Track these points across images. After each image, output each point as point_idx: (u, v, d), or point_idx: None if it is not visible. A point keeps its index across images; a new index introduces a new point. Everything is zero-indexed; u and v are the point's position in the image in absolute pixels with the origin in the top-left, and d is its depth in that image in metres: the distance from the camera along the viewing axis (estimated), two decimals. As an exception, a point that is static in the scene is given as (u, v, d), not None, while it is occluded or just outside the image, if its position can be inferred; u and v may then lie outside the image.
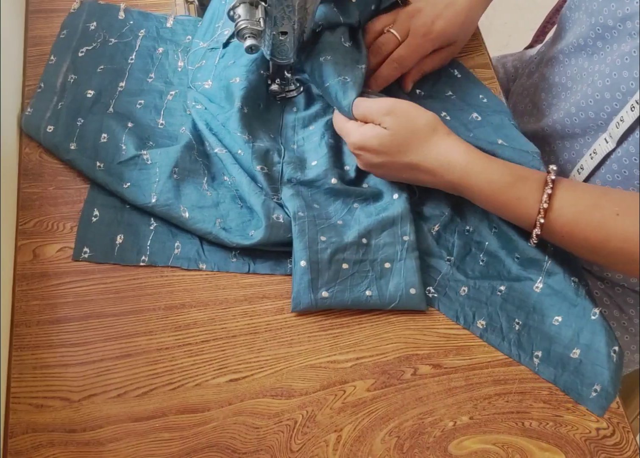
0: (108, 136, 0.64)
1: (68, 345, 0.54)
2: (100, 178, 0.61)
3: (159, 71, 0.70)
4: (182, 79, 0.70)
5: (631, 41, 0.60)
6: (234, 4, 0.56)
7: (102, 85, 0.68)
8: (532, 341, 0.58)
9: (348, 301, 0.57)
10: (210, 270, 0.59)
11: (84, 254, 0.58)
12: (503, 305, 0.59)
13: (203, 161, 0.64)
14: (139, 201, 0.60)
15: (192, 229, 0.59)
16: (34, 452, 0.49)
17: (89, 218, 0.60)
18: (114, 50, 0.70)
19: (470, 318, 0.58)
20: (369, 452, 0.52)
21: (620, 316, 0.76)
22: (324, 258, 0.58)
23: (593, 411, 0.55)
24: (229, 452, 0.51)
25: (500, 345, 0.57)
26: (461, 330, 0.58)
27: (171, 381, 0.53)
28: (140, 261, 0.58)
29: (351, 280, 0.58)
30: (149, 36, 0.72)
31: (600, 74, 0.64)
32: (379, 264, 0.59)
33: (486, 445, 0.53)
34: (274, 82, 0.67)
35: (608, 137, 0.64)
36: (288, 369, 0.55)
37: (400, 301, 0.57)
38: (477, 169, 0.57)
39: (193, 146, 0.64)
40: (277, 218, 0.59)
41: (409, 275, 0.58)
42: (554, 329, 0.58)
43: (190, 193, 0.61)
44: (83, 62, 0.69)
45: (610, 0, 0.61)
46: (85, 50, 0.70)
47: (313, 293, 0.56)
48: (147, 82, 0.69)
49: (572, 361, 0.56)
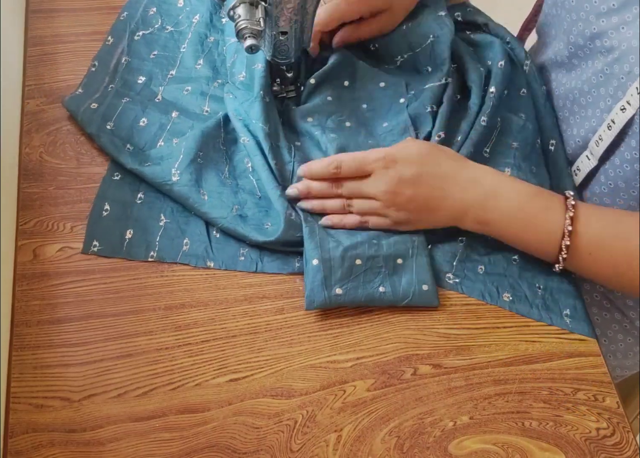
0: (148, 121, 0.65)
1: (68, 345, 0.54)
2: (124, 158, 0.62)
3: (208, 58, 0.71)
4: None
5: (603, 59, 0.60)
6: (234, 4, 0.56)
7: (153, 72, 0.69)
8: (557, 301, 0.60)
9: (362, 298, 0.57)
10: (218, 268, 0.59)
11: (93, 247, 0.58)
12: (521, 273, 0.61)
13: (227, 150, 0.64)
14: (159, 179, 0.60)
15: (207, 213, 0.59)
16: (34, 452, 0.49)
17: (100, 212, 0.60)
18: (169, 38, 0.72)
19: (495, 294, 0.59)
20: (369, 452, 0.52)
21: (622, 319, 0.75)
22: (336, 255, 0.58)
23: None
24: (229, 452, 0.51)
25: (529, 313, 0.59)
26: (461, 330, 0.58)
27: (171, 381, 0.53)
28: (149, 257, 0.58)
29: (364, 276, 0.58)
30: (202, 22, 0.74)
31: (580, 91, 0.65)
32: (392, 259, 0.59)
33: (486, 445, 0.53)
34: (274, 82, 0.67)
35: (589, 154, 0.65)
36: (288, 369, 0.55)
37: (414, 297, 0.58)
38: (506, 180, 0.60)
39: (220, 134, 0.65)
40: (291, 215, 0.59)
41: (421, 272, 0.58)
42: (574, 285, 0.61)
43: (211, 179, 0.62)
44: (138, 45, 0.71)
45: (578, 20, 0.61)
46: (142, 35, 0.72)
47: (327, 291, 0.56)
48: (195, 69, 0.71)
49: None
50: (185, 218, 0.61)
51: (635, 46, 0.56)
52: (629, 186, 0.62)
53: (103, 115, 0.65)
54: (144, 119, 0.65)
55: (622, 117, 0.59)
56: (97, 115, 0.64)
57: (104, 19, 0.74)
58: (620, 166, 0.62)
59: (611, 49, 0.59)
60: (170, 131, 0.65)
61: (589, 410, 0.56)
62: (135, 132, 0.64)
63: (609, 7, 0.57)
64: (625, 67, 0.58)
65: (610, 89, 0.60)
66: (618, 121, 0.59)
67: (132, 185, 0.62)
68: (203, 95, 0.68)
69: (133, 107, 0.66)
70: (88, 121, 0.64)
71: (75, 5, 0.75)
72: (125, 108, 0.66)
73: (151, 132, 0.65)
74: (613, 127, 0.60)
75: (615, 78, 0.60)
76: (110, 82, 0.68)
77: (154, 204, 0.61)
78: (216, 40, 0.73)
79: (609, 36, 0.59)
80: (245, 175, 0.63)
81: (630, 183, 0.62)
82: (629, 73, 0.58)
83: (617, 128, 0.60)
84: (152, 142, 0.64)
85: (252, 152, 0.62)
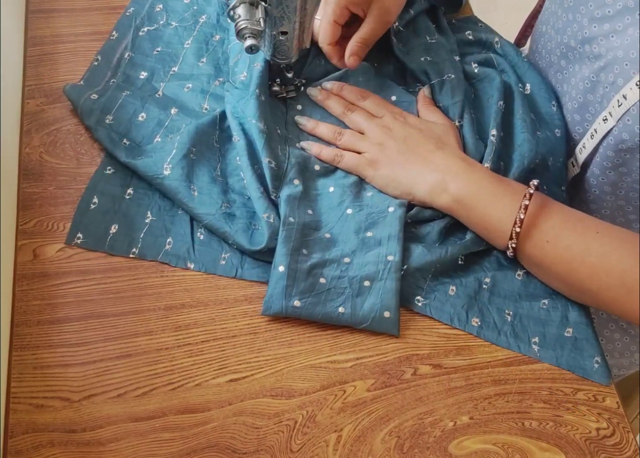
0: (146, 116, 0.65)
1: (68, 345, 0.54)
2: (119, 152, 0.62)
3: (212, 56, 0.71)
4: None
5: (590, 65, 0.60)
6: (234, 4, 0.56)
7: (156, 68, 0.69)
8: (526, 329, 0.58)
9: (318, 315, 0.56)
10: (197, 270, 0.59)
11: (77, 239, 0.59)
12: (491, 298, 0.59)
13: (220, 148, 0.64)
14: (150, 172, 0.60)
15: (195, 208, 0.59)
16: (34, 452, 0.49)
17: (88, 204, 0.60)
18: (173, 34, 0.72)
19: (464, 318, 0.58)
20: (369, 452, 0.52)
21: (618, 318, 0.76)
22: (303, 268, 0.57)
23: (601, 382, 0.56)
24: (229, 452, 0.51)
25: (497, 340, 0.58)
26: (461, 330, 0.58)
27: (171, 381, 0.53)
28: (130, 253, 0.59)
29: (327, 295, 0.57)
30: (209, 23, 0.74)
31: (570, 96, 0.65)
32: (358, 281, 0.57)
33: (486, 445, 0.53)
34: (274, 82, 0.67)
35: (574, 161, 0.65)
36: (288, 369, 0.55)
37: (372, 322, 0.56)
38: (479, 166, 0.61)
39: (215, 131, 0.65)
40: (269, 217, 0.59)
41: (387, 297, 0.56)
42: (543, 313, 0.59)
43: (202, 175, 0.61)
44: (142, 41, 0.71)
45: (573, 21, 0.61)
46: (147, 31, 0.72)
47: (285, 300, 0.55)
48: (197, 66, 0.70)
49: (568, 340, 0.58)
50: (171, 217, 0.61)
51: (620, 57, 0.56)
52: (615, 188, 0.62)
53: (103, 107, 0.65)
54: (142, 114, 0.65)
55: (603, 127, 0.59)
56: (96, 106, 0.65)
57: (104, 19, 0.74)
58: (602, 174, 0.62)
59: (599, 56, 0.58)
60: (168, 128, 0.65)
61: (589, 410, 0.56)
62: (133, 127, 0.65)
63: (604, 14, 0.57)
64: (610, 77, 0.58)
65: (597, 96, 0.60)
66: (600, 130, 0.59)
67: (123, 180, 0.62)
68: (203, 93, 0.68)
69: (133, 102, 0.66)
70: (87, 112, 0.64)
71: (75, 5, 0.75)
72: (125, 102, 0.66)
73: (149, 127, 0.65)
74: (595, 136, 0.60)
75: (601, 86, 0.59)
76: (112, 77, 0.68)
77: (142, 200, 0.61)
78: (222, 38, 0.73)
79: (598, 43, 0.58)
80: (236, 173, 0.63)
81: (617, 185, 0.62)
82: (612, 83, 0.57)
83: (598, 138, 0.60)
84: (149, 138, 0.64)
85: (241, 152, 0.62)
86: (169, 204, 0.61)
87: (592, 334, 0.58)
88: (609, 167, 0.60)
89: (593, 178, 0.63)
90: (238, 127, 0.64)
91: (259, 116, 0.63)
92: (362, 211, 0.61)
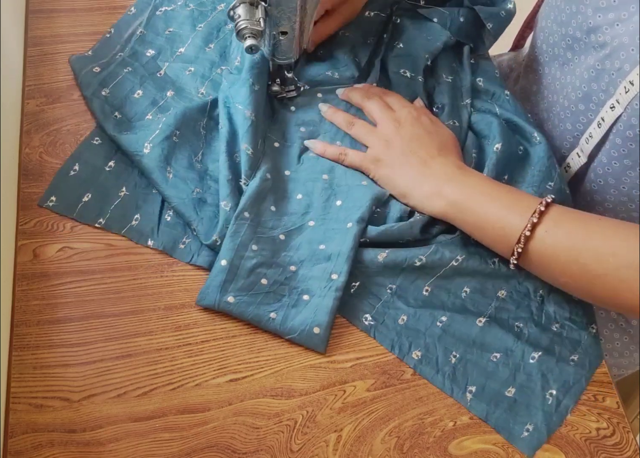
0: (142, 94, 0.66)
1: (68, 345, 0.54)
2: (107, 124, 0.63)
3: (220, 43, 0.72)
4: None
5: (595, 54, 0.60)
6: (234, 4, 0.56)
7: (163, 47, 0.70)
8: (467, 375, 0.56)
9: (249, 316, 0.55)
10: (156, 248, 0.59)
11: (49, 202, 0.60)
12: (442, 336, 0.57)
13: (206, 134, 0.65)
14: (131, 148, 0.61)
15: (166, 190, 0.60)
16: (34, 452, 0.49)
17: (68, 170, 0.62)
18: (188, 16, 0.73)
19: (405, 348, 0.56)
20: (369, 452, 0.52)
21: (618, 318, 0.76)
22: (246, 266, 0.56)
23: (523, 451, 0.53)
24: (229, 452, 0.51)
25: (433, 378, 0.55)
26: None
27: (171, 381, 0.53)
28: (97, 223, 0.59)
29: (263, 298, 0.56)
30: (225, 11, 0.73)
31: (573, 86, 0.65)
32: (297, 293, 0.57)
33: (486, 445, 0.53)
34: (274, 82, 0.67)
35: (580, 151, 0.65)
36: (288, 369, 0.55)
37: (300, 335, 0.55)
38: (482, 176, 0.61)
39: (203, 118, 0.65)
40: (226, 205, 0.58)
41: (320, 314, 0.55)
42: (492, 365, 0.56)
43: (182, 159, 0.62)
44: (157, 20, 0.72)
45: (577, 13, 0.61)
46: (164, 11, 0.73)
47: (220, 294, 0.55)
48: (204, 50, 0.71)
49: (507, 399, 0.55)
50: (144, 195, 0.61)
51: (626, 43, 0.56)
52: (619, 182, 0.62)
53: (102, 81, 0.66)
54: (139, 91, 0.66)
55: (611, 115, 0.59)
56: (96, 79, 0.66)
57: (104, 19, 0.74)
58: (609, 164, 0.62)
59: (604, 44, 0.59)
60: (161, 108, 0.66)
61: (589, 410, 0.56)
62: (127, 102, 0.66)
63: (609, 3, 0.57)
64: (615, 63, 0.58)
65: (602, 84, 0.60)
66: (607, 119, 0.59)
67: (107, 152, 0.63)
68: (204, 78, 0.69)
69: (132, 79, 0.67)
70: (86, 84, 0.66)
71: (75, 5, 0.75)
72: (125, 78, 0.67)
73: (143, 105, 0.66)
74: (602, 125, 0.60)
75: (607, 74, 0.59)
76: (120, 50, 0.69)
77: (121, 175, 0.62)
78: (233, 28, 0.73)
79: (604, 32, 0.58)
80: (217, 161, 0.63)
81: (620, 179, 0.62)
82: (619, 70, 0.58)
83: (606, 126, 0.60)
84: (140, 115, 0.65)
85: (222, 139, 0.62)
86: (145, 182, 0.62)
87: (537, 401, 0.55)
88: (616, 157, 0.60)
89: (600, 166, 0.63)
90: (225, 116, 0.64)
91: (249, 104, 0.62)
92: (323, 225, 0.60)
